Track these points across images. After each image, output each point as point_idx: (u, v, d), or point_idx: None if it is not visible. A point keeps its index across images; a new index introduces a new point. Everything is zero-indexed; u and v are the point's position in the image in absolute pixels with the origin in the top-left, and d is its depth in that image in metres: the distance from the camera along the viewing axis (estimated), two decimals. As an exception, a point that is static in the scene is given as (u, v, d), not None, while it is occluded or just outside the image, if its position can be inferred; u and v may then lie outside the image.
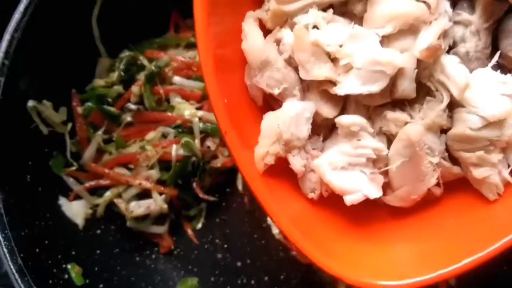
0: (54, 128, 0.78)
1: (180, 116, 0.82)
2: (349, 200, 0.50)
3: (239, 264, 0.84)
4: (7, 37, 0.68)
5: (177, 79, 0.85)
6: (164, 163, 0.81)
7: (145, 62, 0.85)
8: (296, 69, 0.52)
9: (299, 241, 0.50)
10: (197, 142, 0.81)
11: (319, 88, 0.51)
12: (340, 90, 0.49)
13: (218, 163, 0.82)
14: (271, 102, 0.55)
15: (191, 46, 0.89)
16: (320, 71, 0.49)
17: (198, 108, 0.83)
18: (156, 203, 0.81)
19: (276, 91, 0.52)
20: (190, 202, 0.85)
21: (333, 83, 0.50)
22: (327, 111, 0.51)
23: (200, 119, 0.82)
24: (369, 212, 0.53)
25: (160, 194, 0.81)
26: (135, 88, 0.83)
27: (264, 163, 0.51)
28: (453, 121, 0.50)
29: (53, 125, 0.78)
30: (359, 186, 0.49)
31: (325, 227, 0.54)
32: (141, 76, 0.83)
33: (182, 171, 0.81)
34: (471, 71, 0.50)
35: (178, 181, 0.82)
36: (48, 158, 0.78)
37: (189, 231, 0.85)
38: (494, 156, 0.49)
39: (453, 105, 0.50)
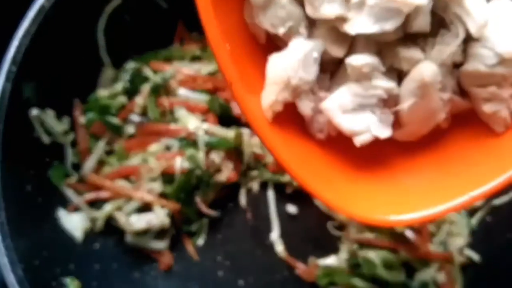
0: (55, 138, 0.80)
1: (185, 128, 0.84)
2: (358, 141, 0.49)
3: (241, 282, 0.84)
4: (15, 43, 0.70)
5: (182, 91, 0.87)
6: (167, 176, 0.83)
7: (149, 73, 0.87)
8: (302, 3, 0.49)
9: (308, 183, 0.50)
10: (201, 155, 0.83)
11: (327, 25, 0.49)
12: (351, 28, 0.46)
13: (222, 177, 0.84)
14: (275, 39, 0.53)
15: (196, 59, 0.92)
16: (330, 7, 0.46)
17: (203, 121, 0.85)
18: (158, 217, 0.82)
19: (281, 31, 0.49)
20: (192, 217, 0.86)
21: (343, 19, 0.47)
22: (336, 49, 0.49)
23: (205, 132, 0.84)
24: (377, 150, 0.53)
25: (162, 207, 0.83)
26: (139, 99, 0.85)
27: (272, 111, 0.50)
28: (467, 56, 0.49)
29: (55, 135, 0.79)
30: (369, 127, 0.49)
31: (335, 168, 0.53)
32: (146, 88, 0.86)
33: (186, 185, 0.82)
34: (487, 1, 0.49)
35: (180, 195, 0.84)
36: (48, 168, 0.79)
37: (190, 248, 0.86)
38: (505, 91, 0.49)
39: (467, 39, 0.49)
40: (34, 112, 0.75)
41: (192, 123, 0.84)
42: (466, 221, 0.86)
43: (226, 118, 0.86)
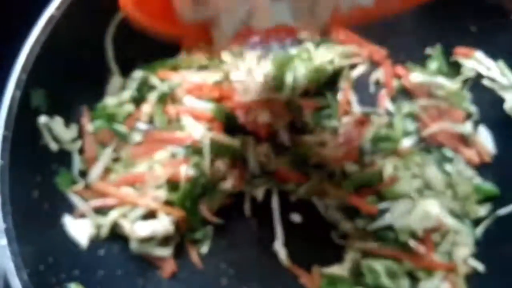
0: (62, 145, 0.81)
1: (190, 136, 0.85)
2: None
3: (245, 290, 0.85)
4: (25, 51, 0.72)
5: (188, 99, 0.88)
6: (172, 184, 0.83)
7: (156, 82, 0.88)
8: None
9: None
10: (206, 163, 0.83)
11: None
12: None
13: (227, 184, 0.84)
14: None
15: (203, 68, 0.93)
16: None
17: (209, 129, 0.86)
18: (162, 224, 0.82)
19: None
20: (197, 224, 0.86)
21: None
22: None
23: (211, 140, 0.84)
24: None
25: (167, 215, 0.83)
26: (146, 108, 0.86)
27: None
28: None
29: (62, 142, 0.80)
30: None
31: None
32: (153, 96, 0.87)
33: (191, 193, 0.83)
34: None
35: (185, 203, 0.84)
36: (55, 174, 0.80)
37: (194, 255, 0.86)
38: None
39: None
40: (43, 119, 0.76)
41: (198, 131, 0.85)
42: (471, 231, 0.85)
43: (232, 127, 0.87)
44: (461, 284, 0.82)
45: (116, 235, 0.84)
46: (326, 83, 0.92)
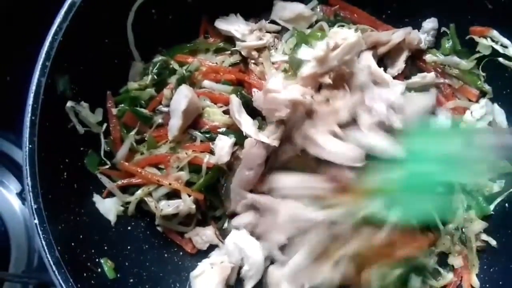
0: (89, 128, 0.79)
1: (209, 121, 0.82)
2: None
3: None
4: (48, 39, 0.69)
5: (206, 82, 0.85)
6: (193, 166, 0.81)
7: (176, 66, 0.85)
8: None
9: None
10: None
11: None
12: None
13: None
14: None
15: (220, 51, 0.89)
16: None
17: (225, 112, 0.83)
18: (185, 203, 0.81)
19: None
20: (216, 204, 0.85)
21: None
22: None
23: (228, 127, 0.82)
24: None
25: (188, 195, 0.81)
26: (166, 91, 0.83)
27: None
28: None
29: (89, 125, 0.79)
30: None
31: None
32: (173, 80, 0.84)
33: (212, 180, 0.81)
34: None
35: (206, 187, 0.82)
36: (84, 156, 0.78)
37: (215, 231, 0.85)
38: None
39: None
40: (69, 104, 0.74)
41: (216, 117, 0.82)
42: (484, 207, 0.81)
43: (248, 108, 0.83)
44: (473, 259, 0.79)
45: (143, 213, 0.83)
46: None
